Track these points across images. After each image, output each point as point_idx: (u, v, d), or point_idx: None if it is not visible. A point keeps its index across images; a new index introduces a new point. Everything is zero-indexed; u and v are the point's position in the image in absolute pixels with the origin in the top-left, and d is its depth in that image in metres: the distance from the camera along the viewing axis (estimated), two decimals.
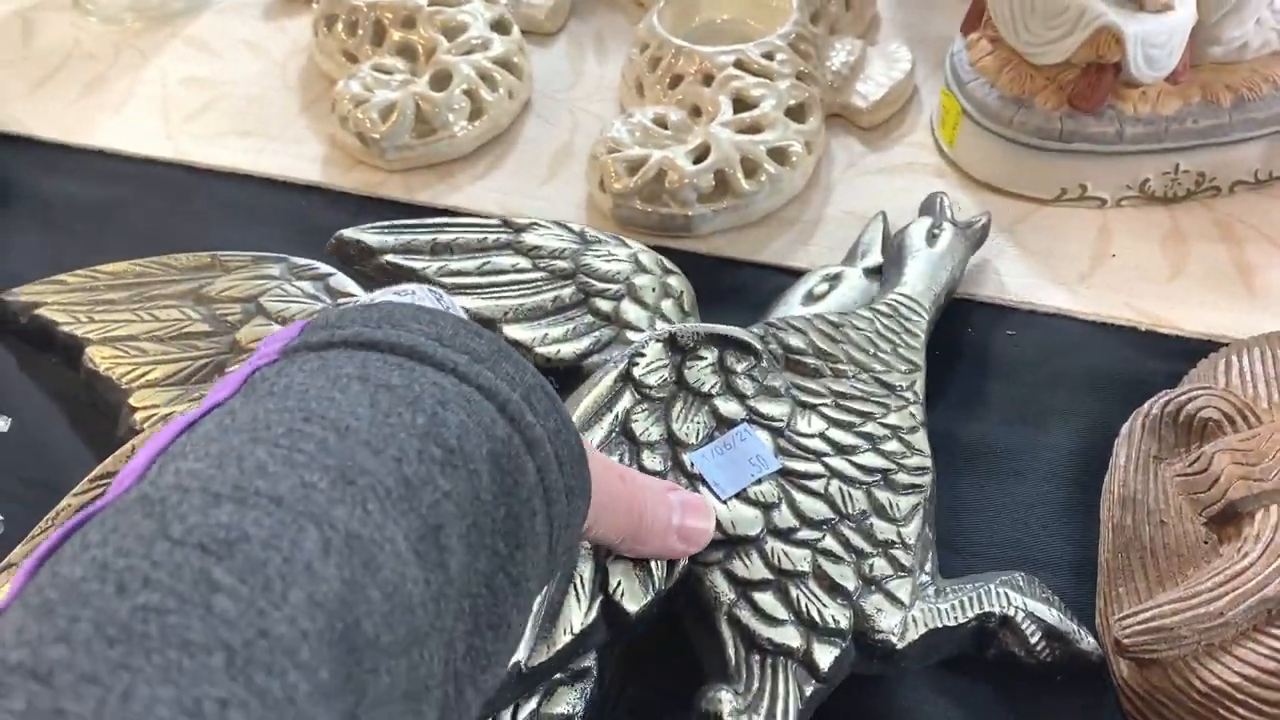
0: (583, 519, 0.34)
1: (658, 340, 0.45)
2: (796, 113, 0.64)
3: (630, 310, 0.49)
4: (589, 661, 0.42)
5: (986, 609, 0.41)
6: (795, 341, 0.47)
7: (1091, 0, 0.57)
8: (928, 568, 0.42)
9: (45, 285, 0.59)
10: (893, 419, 0.45)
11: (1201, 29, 0.59)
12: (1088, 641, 0.42)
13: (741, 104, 0.64)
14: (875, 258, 0.57)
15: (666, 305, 0.50)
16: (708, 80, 0.65)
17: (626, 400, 0.44)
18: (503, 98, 0.69)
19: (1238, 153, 0.61)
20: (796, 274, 0.58)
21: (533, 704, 0.41)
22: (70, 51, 0.81)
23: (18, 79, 0.78)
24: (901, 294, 0.51)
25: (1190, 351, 0.54)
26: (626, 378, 0.44)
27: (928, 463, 0.45)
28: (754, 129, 0.62)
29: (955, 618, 0.40)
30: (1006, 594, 0.41)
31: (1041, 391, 0.54)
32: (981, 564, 0.48)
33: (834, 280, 0.56)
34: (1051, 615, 0.42)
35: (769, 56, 0.65)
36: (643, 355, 0.45)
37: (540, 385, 0.32)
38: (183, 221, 0.67)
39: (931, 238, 0.54)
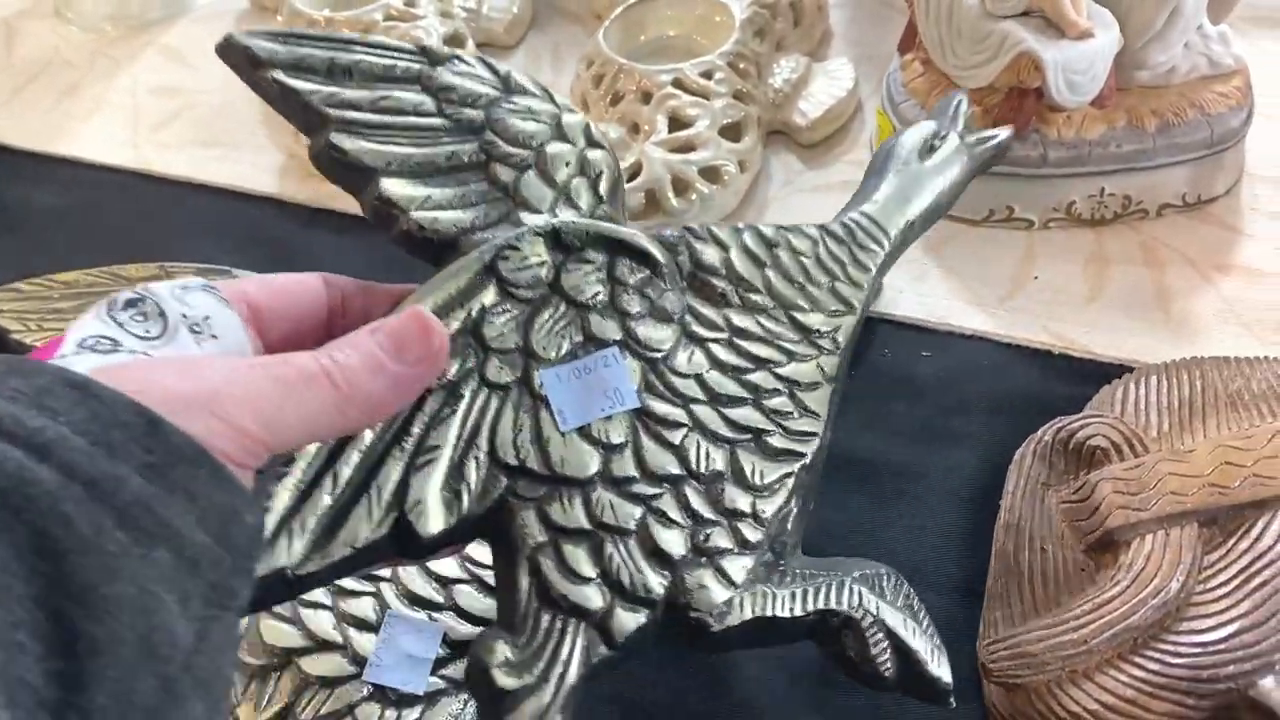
0: (208, 466, 0.27)
1: (537, 234, 0.38)
2: (731, 131, 0.65)
3: (531, 185, 0.39)
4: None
5: (830, 606, 0.36)
6: (709, 257, 0.40)
7: (1013, 27, 0.58)
8: (789, 543, 0.38)
9: (1, 293, 0.62)
10: (790, 369, 0.39)
11: (1127, 54, 0.60)
12: (939, 666, 0.37)
13: (677, 123, 0.65)
14: None
15: (577, 184, 0.40)
16: (646, 98, 0.66)
17: (488, 296, 0.37)
18: None
19: (1163, 177, 0.62)
20: None
21: (414, 712, 0.43)
22: (49, 59, 0.83)
23: None
24: (864, 214, 0.44)
25: (1101, 375, 0.55)
26: (491, 270, 0.37)
27: (817, 427, 0.39)
28: (687, 148, 0.64)
29: (790, 610, 0.36)
30: (860, 593, 0.37)
31: (948, 413, 0.55)
32: None
33: None
34: (905, 628, 0.37)
35: (707, 75, 0.66)
36: (516, 249, 0.37)
37: (54, 380, 0.25)
38: (143, 231, 0.70)
39: (928, 149, 0.47)
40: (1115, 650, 0.43)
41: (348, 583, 0.46)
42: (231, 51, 0.38)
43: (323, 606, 0.45)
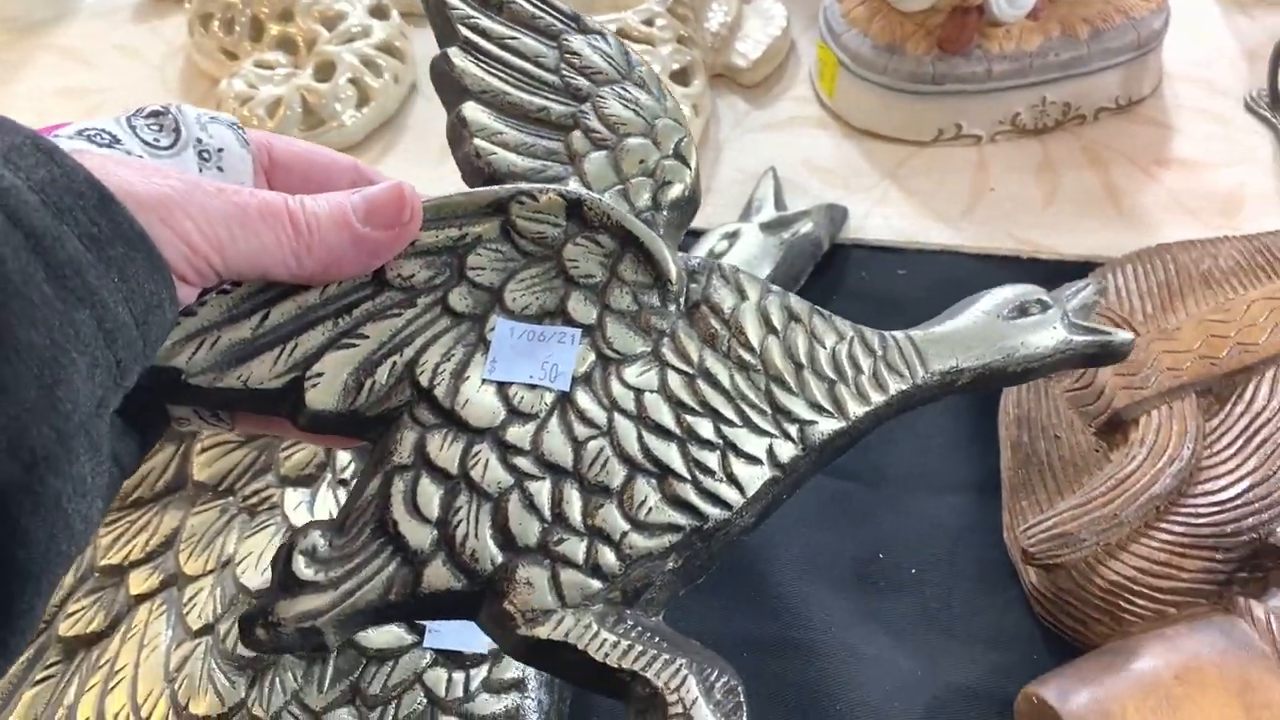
0: (146, 252, 0.28)
1: (560, 195, 0.37)
2: (681, 76, 0.66)
3: (598, 164, 0.39)
4: None
5: (644, 674, 0.32)
6: (722, 300, 0.38)
7: None
8: (648, 599, 0.35)
9: None
10: (738, 435, 0.36)
11: None
12: None
13: None
14: (769, 212, 0.59)
15: (640, 183, 0.39)
16: None
17: (489, 230, 0.36)
18: (388, 83, 0.69)
19: (1098, 81, 0.64)
20: (696, 234, 0.60)
21: (483, 669, 0.43)
22: None
23: None
24: (911, 337, 0.40)
25: (1071, 274, 0.57)
26: (503, 209, 0.36)
27: (735, 500, 0.35)
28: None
29: (605, 655, 0.33)
30: (685, 678, 0.33)
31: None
32: (894, 491, 0.51)
33: (732, 237, 0.58)
34: None
35: (649, 23, 0.67)
36: (534, 199, 0.36)
37: (25, 140, 0.27)
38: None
39: (1020, 310, 0.43)
40: (1143, 519, 0.45)
41: None
42: None
43: None
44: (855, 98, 0.66)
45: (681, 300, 0.38)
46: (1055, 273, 0.59)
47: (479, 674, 0.43)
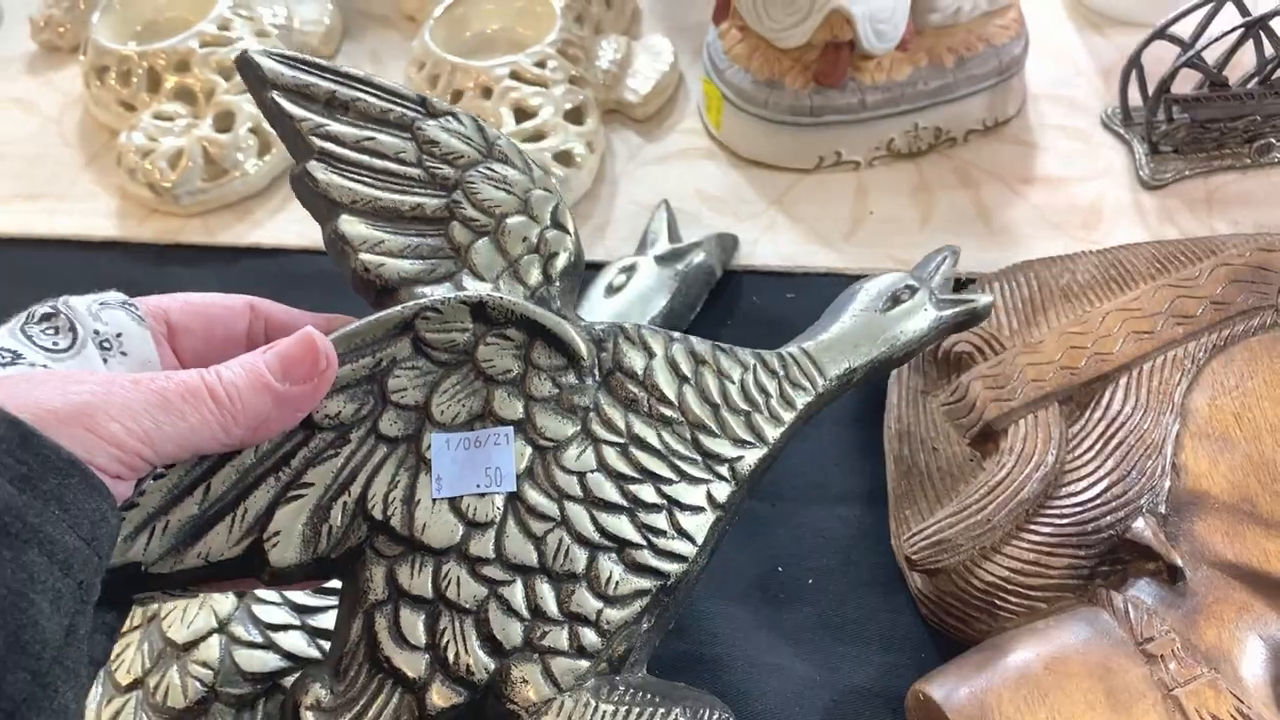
0: (79, 475, 0.28)
1: (463, 303, 0.38)
2: (575, 115, 0.68)
3: (484, 252, 0.40)
4: None
5: None
6: (631, 360, 0.40)
7: None
8: (631, 659, 0.38)
9: None
10: (679, 490, 0.39)
11: (920, 0, 0.66)
12: None
13: (523, 113, 0.68)
14: (664, 245, 0.62)
15: (529, 261, 0.40)
16: (487, 93, 0.68)
17: (402, 351, 0.37)
18: None
19: (966, 105, 0.69)
20: (596, 267, 0.62)
21: None
22: None
23: None
24: (806, 351, 0.44)
25: None
26: (410, 327, 0.37)
27: (688, 551, 0.38)
28: (537, 136, 0.66)
29: None
30: None
31: None
32: (790, 506, 0.54)
33: (630, 271, 0.61)
34: None
35: (541, 64, 0.69)
36: (439, 312, 0.37)
37: None
38: None
39: (892, 300, 0.47)
40: (1013, 523, 0.49)
41: (311, 599, 0.47)
42: (246, 66, 0.40)
43: (292, 627, 0.47)
44: (740, 130, 0.69)
45: (596, 372, 0.40)
46: None
47: None
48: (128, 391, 0.30)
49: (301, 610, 0.47)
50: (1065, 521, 0.49)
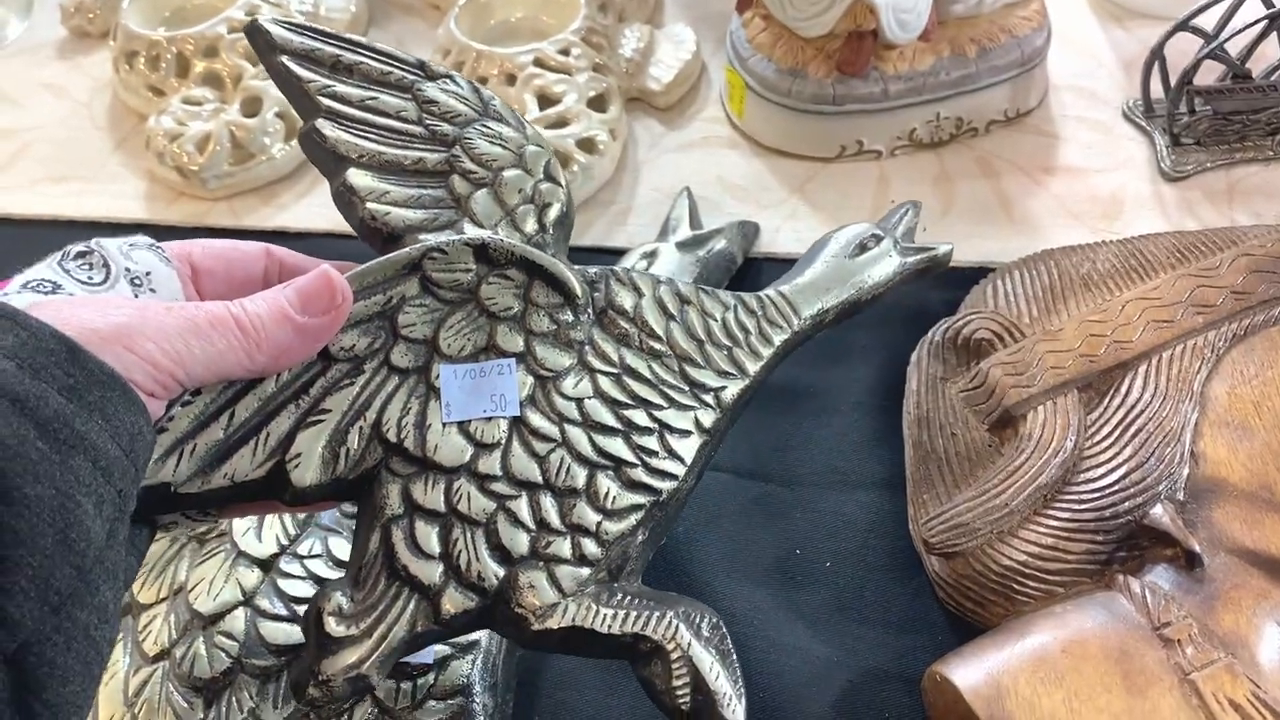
0: (120, 389, 0.30)
1: (467, 244, 0.40)
2: (598, 103, 0.69)
3: (483, 202, 0.43)
4: (478, 635, 0.46)
5: (645, 632, 0.38)
6: (623, 299, 0.43)
7: None
8: (628, 568, 0.40)
9: None
10: (669, 415, 0.42)
11: None
12: (733, 711, 0.38)
13: (546, 100, 0.68)
14: (685, 231, 0.63)
15: (525, 210, 0.43)
16: (511, 80, 0.69)
17: (410, 289, 0.40)
18: None
19: (988, 96, 0.69)
20: (618, 254, 0.63)
21: (429, 678, 0.46)
22: None
23: None
24: (782, 293, 0.47)
25: (966, 280, 0.61)
26: (418, 267, 0.40)
27: (678, 471, 0.41)
28: (560, 123, 0.67)
29: (608, 626, 0.38)
30: (677, 627, 0.38)
31: (843, 334, 0.61)
32: (808, 490, 0.54)
33: (651, 256, 0.61)
34: (710, 669, 0.38)
35: (565, 52, 0.70)
36: (445, 253, 0.40)
37: None
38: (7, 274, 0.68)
39: (860, 248, 0.49)
40: (1032, 508, 0.49)
41: (334, 573, 0.48)
42: (255, 34, 0.42)
43: None
44: (763, 118, 0.69)
45: (590, 310, 0.43)
46: (953, 279, 0.62)
47: (426, 682, 0.46)
48: (162, 317, 0.32)
49: (325, 584, 0.47)
50: (1084, 507, 0.49)
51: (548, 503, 0.39)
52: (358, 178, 0.41)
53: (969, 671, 0.44)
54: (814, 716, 0.47)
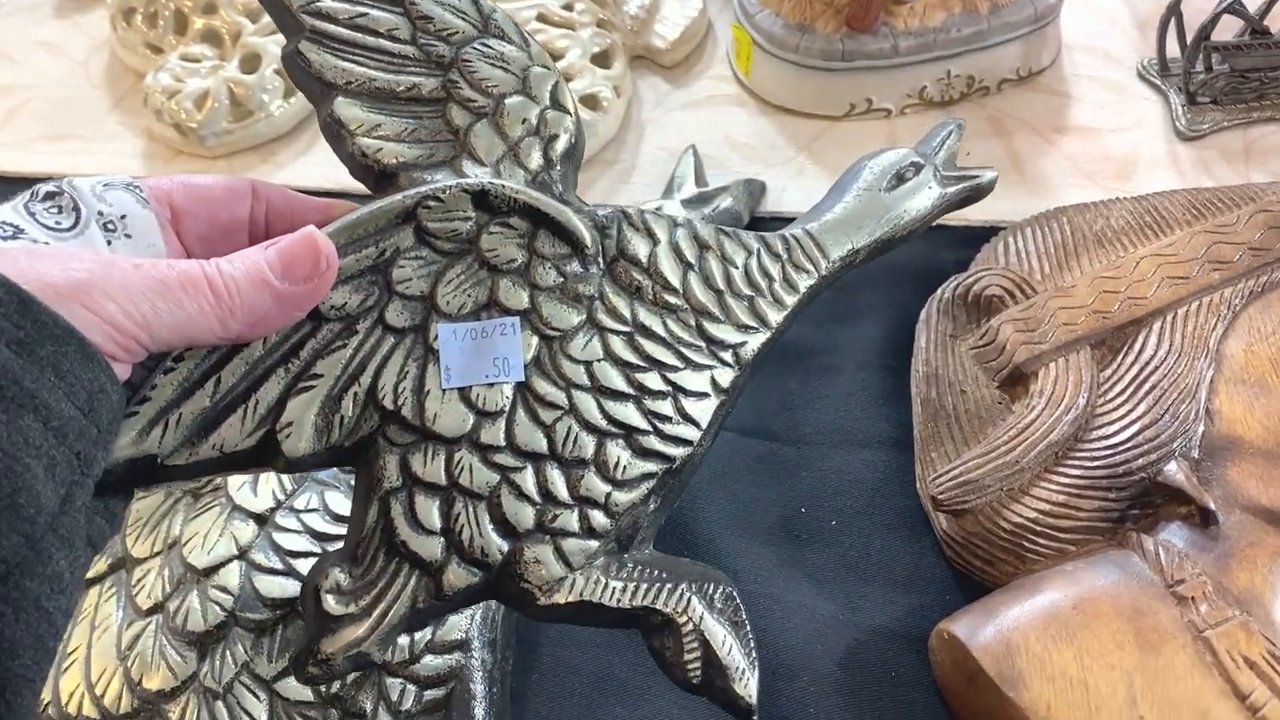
0: (76, 344, 0.28)
1: (465, 191, 0.37)
2: (602, 59, 0.68)
3: (483, 135, 0.39)
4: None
5: (655, 606, 0.37)
6: (636, 247, 0.39)
7: None
8: (638, 538, 0.38)
9: None
10: (684, 377, 0.39)
11: None
12: (744, 685, 0.37)
13: (550, 55, 0.67)
14: (690, 189, 0.62)
15: (529, 143, 0.39)
16: None
17: (405, 240, 0.37)
18: None
19: (1000, 54, 0.67)
20: None
21: (426, 632, 0.45)
22: None
23: None
24: (809, 232, 0.43)
25: (977, 238, 0.60)
26: (412, 216, 0.37)
27: (693, 436, 0.38)
28: (564, 79, 0.66)
29: (617, 601, 0.36)
30: (689, 600, 0.37)
31: (850, 292, 0.60)
32: (815, 449, 0.53)
33: None
34: (722, 642, 0.37)
35: (568, 7, 0.68)
36: (440, 201, 0.37)
37: None
38: None
39: (897, 178, 0.44)
40: (1043, 465, 0.48)
41: (331, 528, 0.47)
42: None
43: (313, 554, 0.46)
44: (770, 76, 0.68)
45: (600, 259, 0.39)
46: (964, 238, 0.61)
47: (423, 637, 0.45)
48: (127, 274, 0.30)
49: (322, 538, 0.47)
50: (1096, 464, 0.48)
51: (554, 474, 0.37)
52: (346, 108, 0.38)
53: (979, 628, 0.43)
54: (819, 674, 0.46)
